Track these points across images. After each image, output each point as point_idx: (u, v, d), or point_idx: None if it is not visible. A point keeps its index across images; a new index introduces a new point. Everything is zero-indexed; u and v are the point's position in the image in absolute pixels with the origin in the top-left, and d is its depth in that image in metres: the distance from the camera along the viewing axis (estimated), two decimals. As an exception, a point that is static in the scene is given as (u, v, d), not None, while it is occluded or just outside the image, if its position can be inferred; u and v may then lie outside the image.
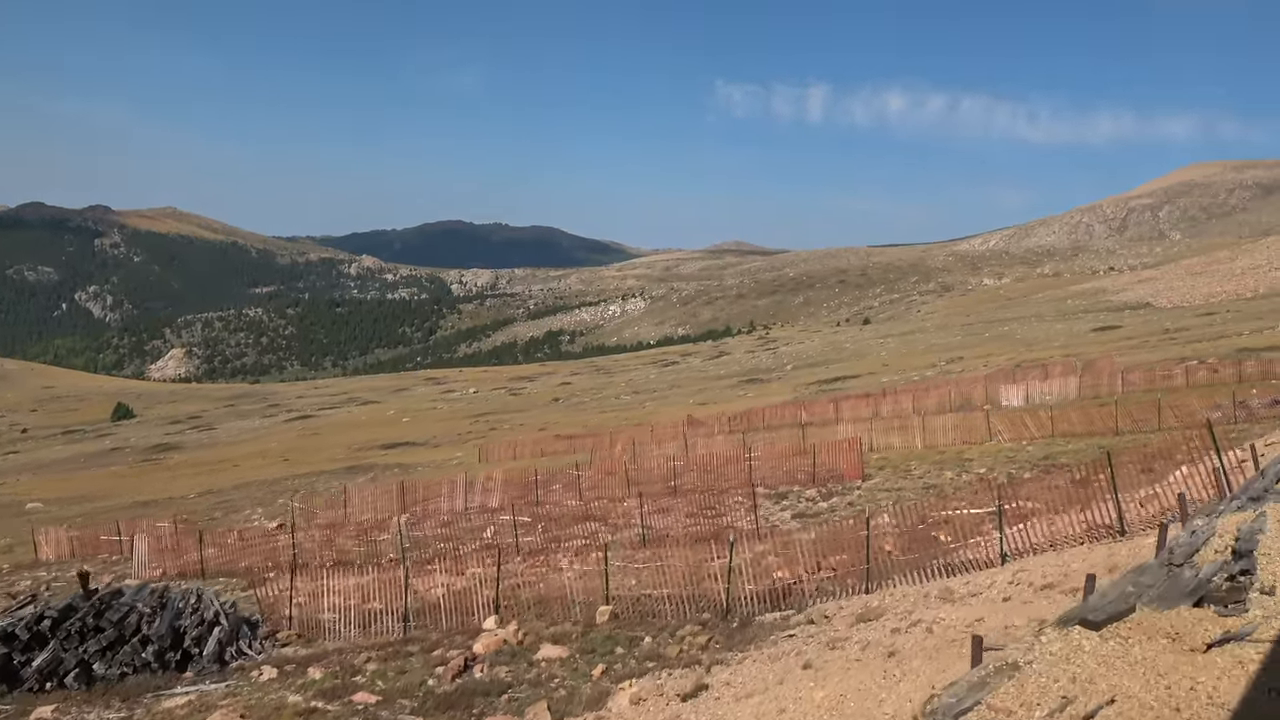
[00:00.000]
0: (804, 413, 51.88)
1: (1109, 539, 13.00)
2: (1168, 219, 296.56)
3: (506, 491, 29.08)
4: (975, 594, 11.07)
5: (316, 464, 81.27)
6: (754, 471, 27.03)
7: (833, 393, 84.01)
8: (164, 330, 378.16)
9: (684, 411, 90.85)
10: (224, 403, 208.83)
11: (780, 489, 25.99)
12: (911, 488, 23.81)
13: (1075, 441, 29.21)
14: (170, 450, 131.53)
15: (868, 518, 14.60)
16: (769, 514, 22.46)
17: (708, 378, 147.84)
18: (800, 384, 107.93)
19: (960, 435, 31.48)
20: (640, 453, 37.20)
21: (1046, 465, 25.21)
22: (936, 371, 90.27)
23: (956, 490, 22.56)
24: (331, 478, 56.65)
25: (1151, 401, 31.88)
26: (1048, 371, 51.66)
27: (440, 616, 15.63)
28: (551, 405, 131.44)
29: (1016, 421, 31.25)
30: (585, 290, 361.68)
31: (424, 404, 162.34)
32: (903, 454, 30.39)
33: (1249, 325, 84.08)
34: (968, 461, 27.19)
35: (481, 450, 51.98)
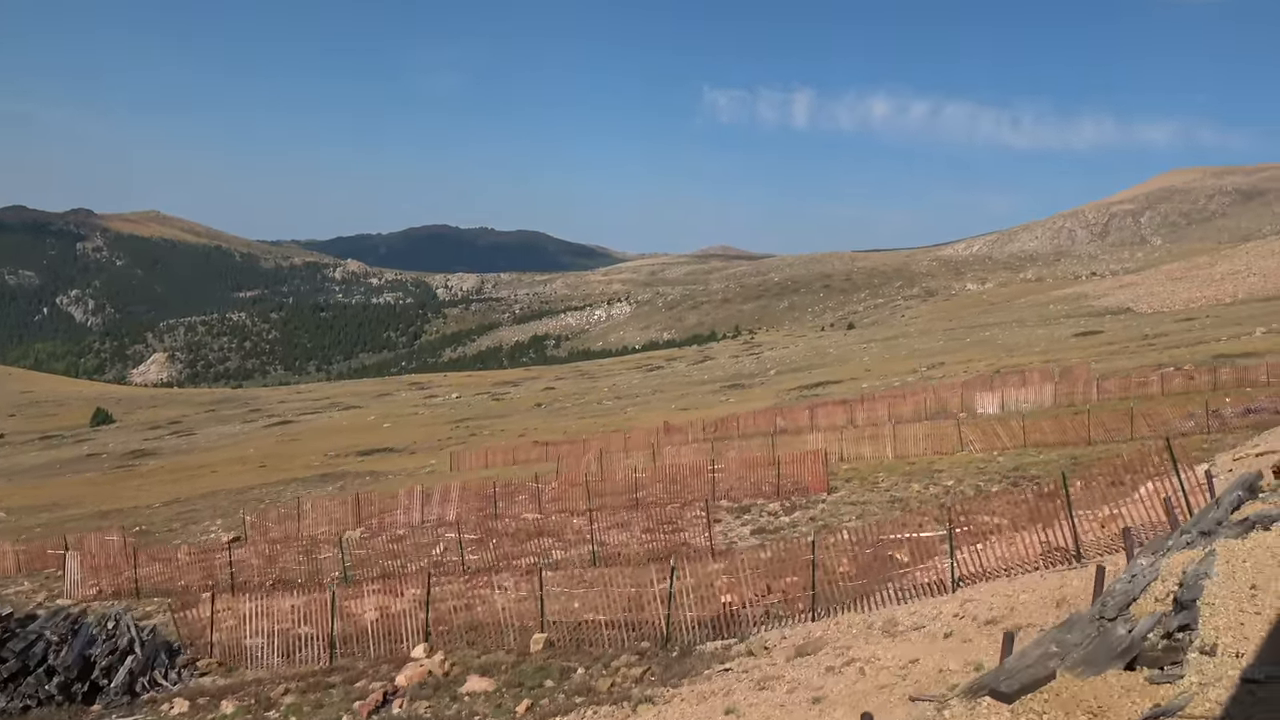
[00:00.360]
0: (780, 420, 51.24)
1: (1064, 564, 12.29)
2: (1149, 224, 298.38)
3: (465, 504, 28.20)
4: (919, 627, 10.33)
5: (291, 471, 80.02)
6: (719, 484, 26.26)
7: (813, 399, 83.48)
8: (146, 334, 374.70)
9: (665, 417, 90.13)
10: (205, 408, 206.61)
11: (744, 502, 25.23)
12: (877, 501, 23.10)
13: (1047, 452, 28.60)
14: (147, 456, 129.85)
15: (812, 541, 13.82)
16: (728, 529, 21.69)
17: (691, 383, 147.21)
18: (782, 389, 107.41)
19: (932, 445, 30.82)
20: (609, 462, 36.39)
21: (1016, 477, 24.56)
22: (917, 377, 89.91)
23: (922, 504, 21.86)
24: (302, 486, 55.55)
25: (1126, 410, 31.34)
26: (1025, 379, 51.20)
27: (369, 643, 14.75)
28: (533, 411, 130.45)
29: (989, 431, 30.63)
30: (571, 295, 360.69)
31: (406, 409, 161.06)
32: (873, 465, 29.71)
33: (1227, 331, 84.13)
34: (937, 473, 26.52)
35: (454, 458, 51.03)
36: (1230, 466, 17.27)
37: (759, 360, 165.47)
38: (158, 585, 22.19)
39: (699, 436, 46.39)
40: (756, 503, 24.90)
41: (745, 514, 23.76)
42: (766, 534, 20.92)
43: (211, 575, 21.38)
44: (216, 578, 21.00)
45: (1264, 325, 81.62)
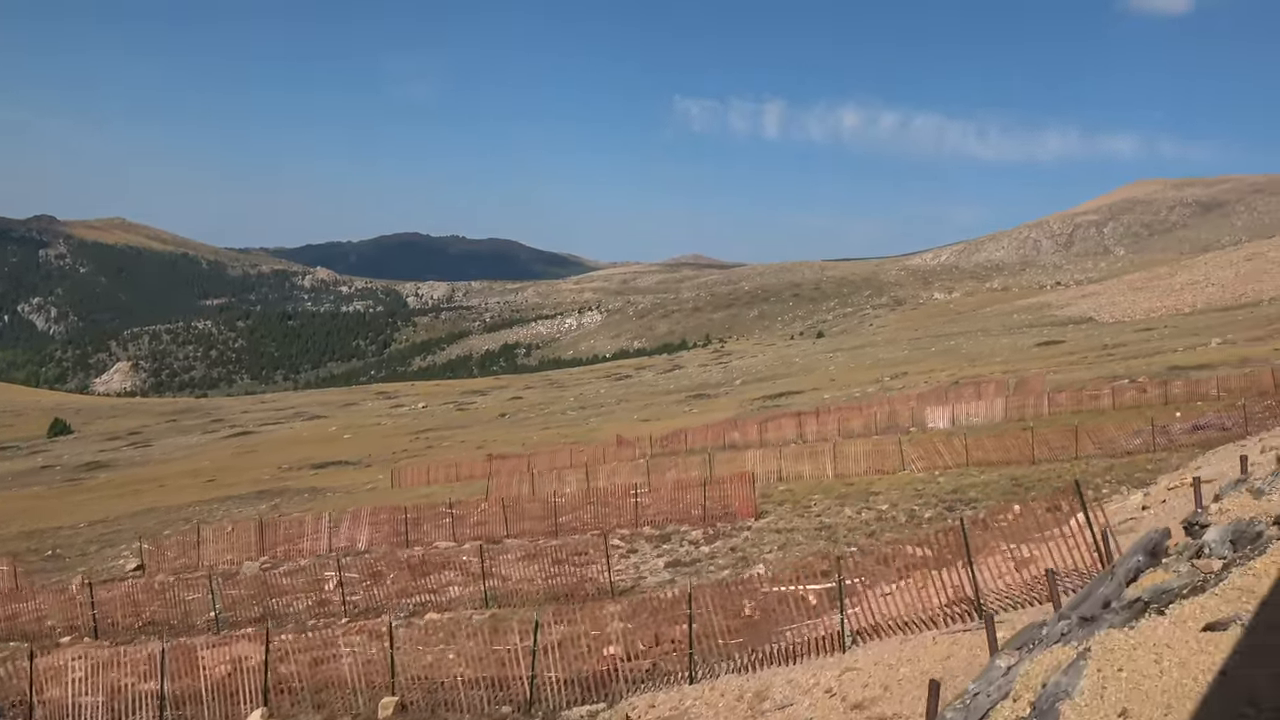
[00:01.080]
0: (733, 433, 49.89)
1: (964, 619, 10.87)
2: (1112, 235, 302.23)
3: (377, 530, 26.42)
4: (786, 704, 8.87)
5: (237, 486, 77.55)
6: (648, 508, 24.71)
7: (774, 409, 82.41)
8: (109, 343, 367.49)
9: (626, 429, 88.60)
10: (166, 418, 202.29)
11: (668, 528, 23.71)
12: (804, 528, 21.68)
13: (989, 471, 27.38)
14: (100, 469, 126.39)
15: (690, 594, 12.30)
16: (642, 561, 20.16)
17: (657, 392, 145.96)
18: (746, 399, 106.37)
19: (873, 464, 29.52)
20: (546, 482, 34.70)
21: (952, 501, 23.26)
22: (878, 388, 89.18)
23: (850, 532, 20.47)
24: (237, 504, 53.29)
25: (1074, 427, 30.24)
26: (980, 391, 50.27)
27: (204, 706, 13.01)
28: (496, 421, 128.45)
29: (931, 450, 29.38)
30: (542, 303, 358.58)
31: (369, 420, 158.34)
32: (810, 485, 28.35)
33: (1184, 341, 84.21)
34: (874, 495, 25.18)
35: (395, 474, 49.06)
36: (1164, 497, 16.00)
37: (726, 370, 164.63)
38: (24, 626, 20.20)
39: (646, 451, 44.90)
40: (680, 529, 23.39)
41: (665, 543, 22.24)
42: (681, 567, 19.41)
43: (77, 616, 19.43)
44: (79, 620, 19.07)
45: (1220, 336, 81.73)
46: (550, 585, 17.87)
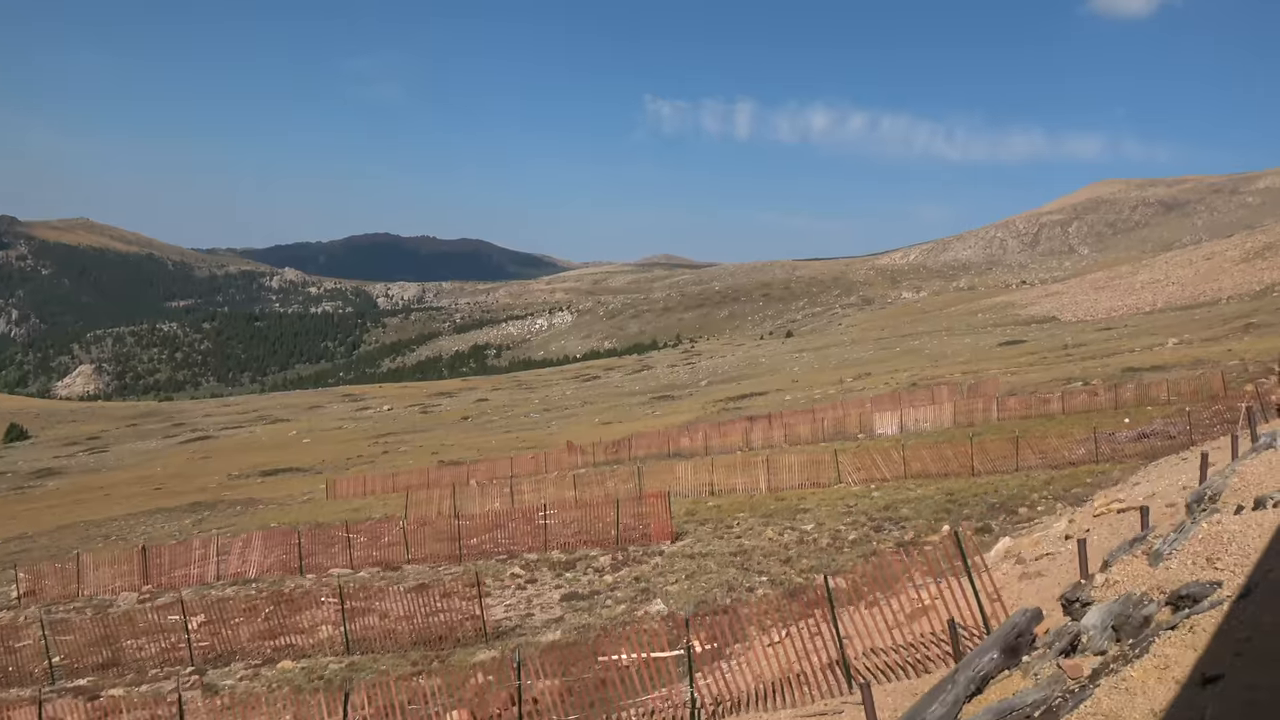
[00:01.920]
0: (685, 439, 48.37)
1: (831, 693, 9.24)
2: (1076, 234, 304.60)
3: (269, 555, 24.42)
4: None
5: (182, 495, 75.05)
6: (565, 527, 22.96)
7: (734, 412, 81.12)
8: (72, 346, 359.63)
9: (583, 433, 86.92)
10: (127, 422, 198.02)
11: (577, 553, 21.99)
12: (720, 553, 20.06)
13: (926, 485, 25.94)
14: (51, 476, 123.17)
15: (518, 660, 10.55)
16: (538, 594, 18.42)
17: (622, 394, 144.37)
18: (709, 401, 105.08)
19: (808, 476, 27.99)
20: (471, 497, 32.82)
21: (881, 520, 21.75)
22: (839, 389, 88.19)
23: (765, 558, 18.88)
24: (169, 517, 50.88)
25: (1014, 438, 28.88)
26: (934, 395, 49.09)
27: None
28: (458, 425, 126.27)
29: (869, 462, 27.90)
30: (513, 304, 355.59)
31: (330, 424, 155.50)
32: (740, 500, 26.76)
33: (1142, 341, 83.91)
34: (802, 513, 23.62)
35: (331, 485, 46.93)
36: (1088, 525, 14.49)
37: (693, 370, 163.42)
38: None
39: (591, 460, 43.17)
40: (589, 555, 21.67)
41: (569, 570, 20.50)
42: (577, 601, 17.69)
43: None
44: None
45: (1176, 336, 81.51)
46: (427, 626, 16.06)
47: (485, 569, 20.24)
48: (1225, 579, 5.97)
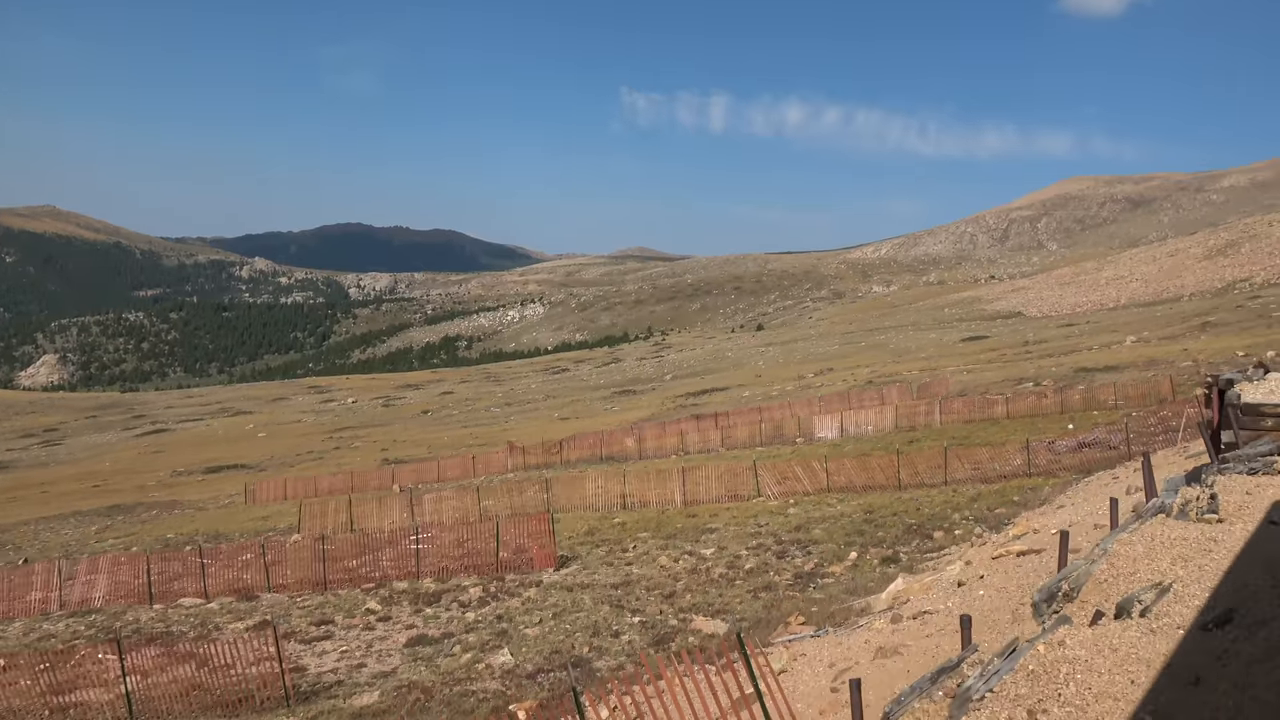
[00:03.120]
0: (628, 439, 46.33)
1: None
2: (1045, 230, 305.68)
3: (118, 579, 22.02)
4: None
5: (117, 494, 72.26)
6: (431, 555, 20.74)
7: (692, 408, 79.43)
8: (36, 335, 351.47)
9: (537, 429, 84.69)
10: (87, 414, 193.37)
11: (450, 582, 19.84)
12: (601, 584, 18.00)
13: (848, 500, 24.01)
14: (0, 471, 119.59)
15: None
16: (384, 636, 16.24)
17: (587, 388, 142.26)
18: (669, 396, 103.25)
19: (726, 488, 26.02)
20: (380, 507, 30.52)
21: (789, 544, 19.79)
22: (797, 386, 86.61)
23: (649, 591, 16.87)
24: (82, 521, 48.11)
25: (944, 448, 27.00)
26: (884, 396, 47.32)
27: None
28: (416, 420, 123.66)
29: (789, 474, 25.93)
30: (485, 295, 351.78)
31: (290, 417, 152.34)
32: (649, 516, 24.71)
33: (1100, 339, 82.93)
34: (707, 534, 21.61)
35: (249, 489, 44.36)
36: (983, 571, 12.57)
37: (660, 364, 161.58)
38: None
39: (520, 465, 40.95)
40: (462, 585, 19.53)
41: (434, 604, 18.33)
42: (421, 648, 15.51)
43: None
44: None
45: (1135, 334, 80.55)
46: (229, 684, 13.74)
47: (344, 601, 18.05)
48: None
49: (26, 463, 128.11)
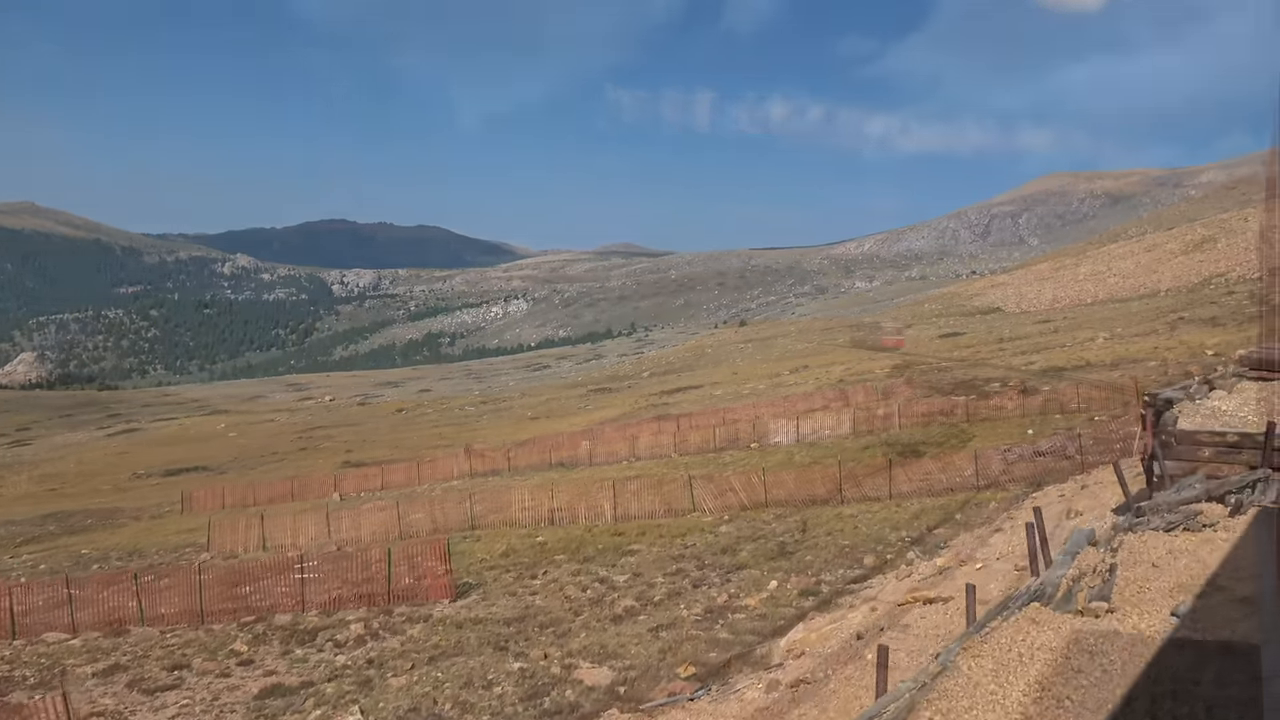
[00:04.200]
0: (584, 442, 44.58)
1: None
2: (1026, 225, 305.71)
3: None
4: None
5: (74, 498, 70.25)
6: (318, 584, 18.98)
7: (662, 409, 77.73)
8: (13, 333, 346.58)
9: (506, 431, 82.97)
10: (61, 413, 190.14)
11: (334, 615, 18.11)
12: (496, 619, 16.33)
13: (785, 517, 22.43)
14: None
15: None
16: (236, 685, 14.49)
17: (564, 385, 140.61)
18: (642, 395, 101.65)
19: (661, 503, 24.40)
20: (295, 523, 28.63)
21: (715, 565, 18.24)
22: (770, 385, 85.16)
23: (542, 630, 15.15)
24: (10, 531, 45.91)
25: (889, 460, 25.42)
26: (848, 398, 45.78)
27: None
28: (390, 418, 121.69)
29: (725, 487, 24.28)
30: (469, 291, 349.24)
31: (262, 417, 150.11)
32: (573, 535, 23.05)
33: (1076, 335, 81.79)
34: (627, 555, 19.96)
35: (187, 498, 42.37)
36: (883, 624, 10.94)
37: (640, 361, 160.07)
38: None
39: (467, 472, 39.17)
40: (344, 619, 17.80)
41: (307, 643, 16.59)
42: (273, 699, 13.76)
43: None
44: None
45: (1109, 330, 79.39)
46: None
47: (214, 638, 16.29)
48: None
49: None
